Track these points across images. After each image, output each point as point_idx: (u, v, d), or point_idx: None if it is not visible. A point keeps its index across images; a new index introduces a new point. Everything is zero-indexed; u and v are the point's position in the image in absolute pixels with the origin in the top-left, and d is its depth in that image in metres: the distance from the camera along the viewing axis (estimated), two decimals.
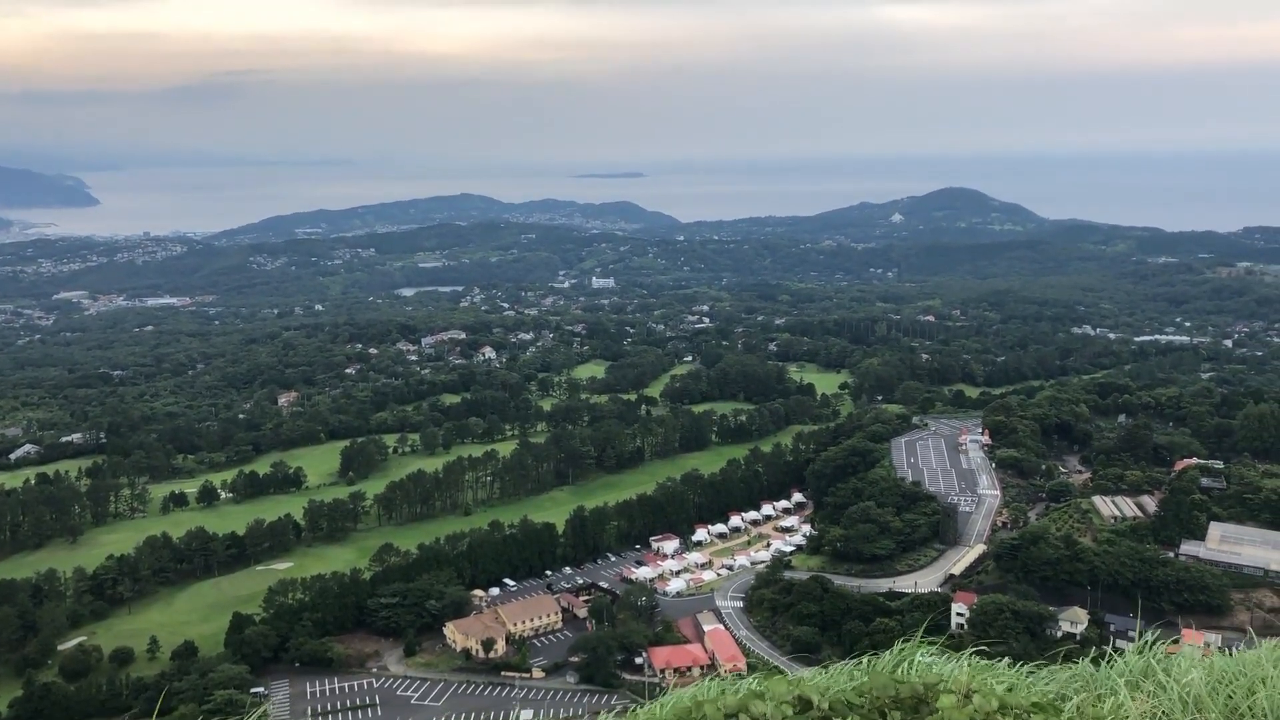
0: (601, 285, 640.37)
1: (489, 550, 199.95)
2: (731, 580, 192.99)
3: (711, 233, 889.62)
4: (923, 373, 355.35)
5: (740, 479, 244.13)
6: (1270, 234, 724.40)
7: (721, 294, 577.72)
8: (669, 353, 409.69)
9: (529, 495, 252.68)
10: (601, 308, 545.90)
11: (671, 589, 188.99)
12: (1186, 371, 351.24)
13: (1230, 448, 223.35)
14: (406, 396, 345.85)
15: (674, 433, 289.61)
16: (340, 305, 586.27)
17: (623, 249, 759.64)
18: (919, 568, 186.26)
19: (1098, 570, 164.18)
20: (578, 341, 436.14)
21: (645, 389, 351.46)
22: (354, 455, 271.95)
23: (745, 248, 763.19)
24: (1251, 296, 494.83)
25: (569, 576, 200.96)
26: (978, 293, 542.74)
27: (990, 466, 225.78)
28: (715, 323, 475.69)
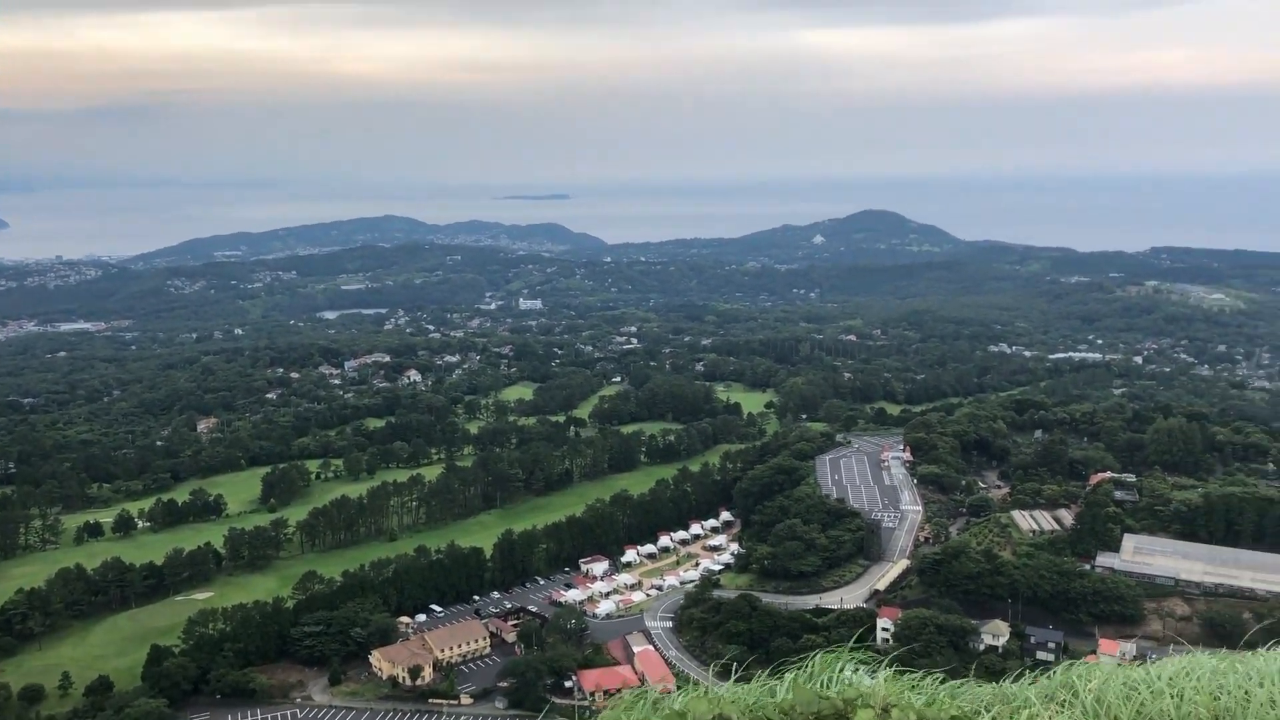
0: (529, 307, 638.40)
1: (415, 576, 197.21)
2: (661, 601, 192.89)
3: (638, 254, 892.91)
4: (846, 391, 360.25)
5: (669, 499, 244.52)
6: (1176, 254, 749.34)
7: (649, 315, 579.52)
8: (597, 374, 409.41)
9: (456, 519, 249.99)
10: (529, 329, 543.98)
11: (601, 611, 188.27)
12: (1099, 388, 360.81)
13: (1142, 461, 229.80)
14: (329, 421, 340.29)
15: (603, 454, 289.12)
16: (261, 329, 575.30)
17: (550, 270, 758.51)
18: (845, 584, 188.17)
19: (1018, 583, 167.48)
20: (505, 363, 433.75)
21: (574, 410, 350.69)
22: (276, 481, 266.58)
23: (672, 269, 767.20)
24: (1160, 314, 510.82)
25: (497, 601, 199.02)
26: (898, 312, 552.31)
27: (912, 483, 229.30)
28: (643, 344, 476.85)
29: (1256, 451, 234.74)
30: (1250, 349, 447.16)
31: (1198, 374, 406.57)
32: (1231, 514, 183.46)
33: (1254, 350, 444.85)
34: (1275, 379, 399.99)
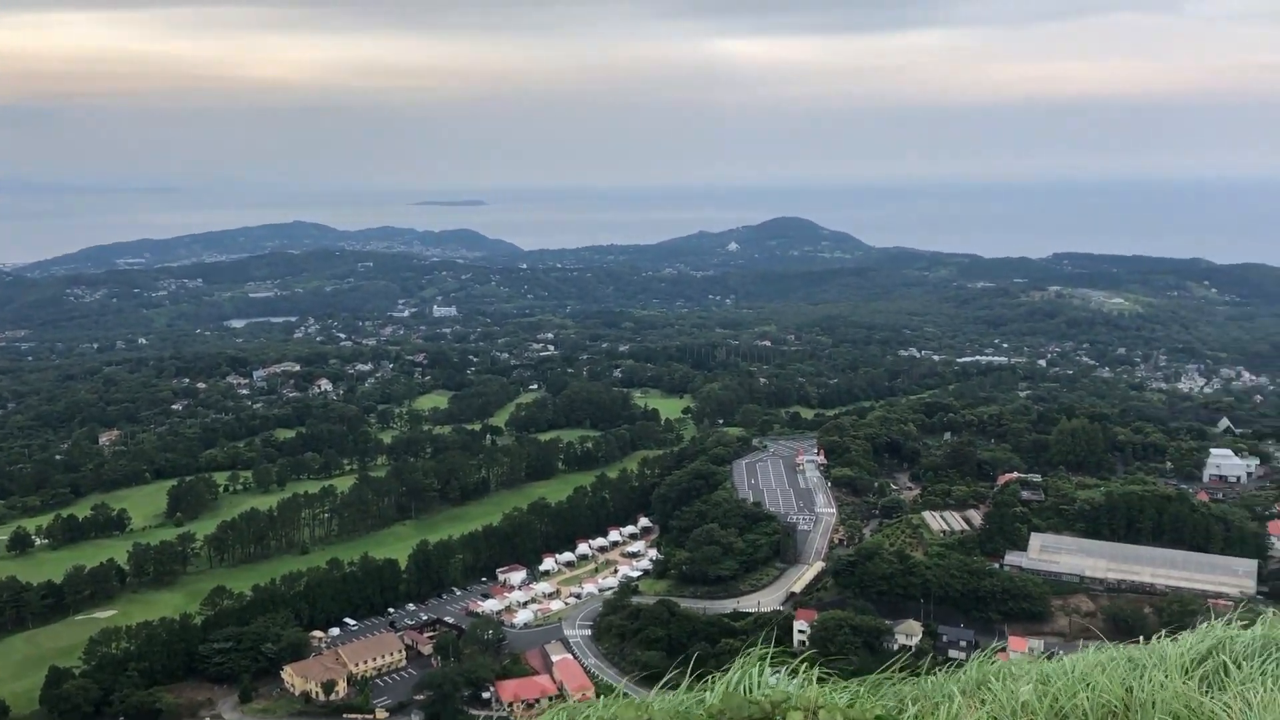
0: (443, 314, 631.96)
1: (328, 589, 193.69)
2: (580, 609, 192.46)
3: (555, 260, 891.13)
4: (761, 396, 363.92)
5: (587, 506, 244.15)
6: (1077, 259, 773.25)
7: (566, 322, 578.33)
8: (514, 381, 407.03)
9: (370, 531, 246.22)
10: (444, 337, 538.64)
11: (519, 620, 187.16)
12: (1005, 390, 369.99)
13: (1047, 462, 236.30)
14: (238, 432, 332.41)
15: (520, 462, 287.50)
16: (166, 338, 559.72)
17: (465, 277, 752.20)
18: (762, 587, 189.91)
19: (930, 583, 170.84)
20: (419, 371, 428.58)
21: (490, 418, 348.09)
22: (182, 495, 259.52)
23: (589, 276, 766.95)
24: (1062, 318, 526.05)
25: (413, 613, 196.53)
26: (811, 318, 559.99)
27: (826, 485, 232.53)
28: (560, 350, 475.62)
29: (1155, 451, 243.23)
30: (1148, 351, 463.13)
31: (1099, 376, 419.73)
32: (1132, 512, 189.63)
33: (1151, 353, 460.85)
34: (1172, 380, 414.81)
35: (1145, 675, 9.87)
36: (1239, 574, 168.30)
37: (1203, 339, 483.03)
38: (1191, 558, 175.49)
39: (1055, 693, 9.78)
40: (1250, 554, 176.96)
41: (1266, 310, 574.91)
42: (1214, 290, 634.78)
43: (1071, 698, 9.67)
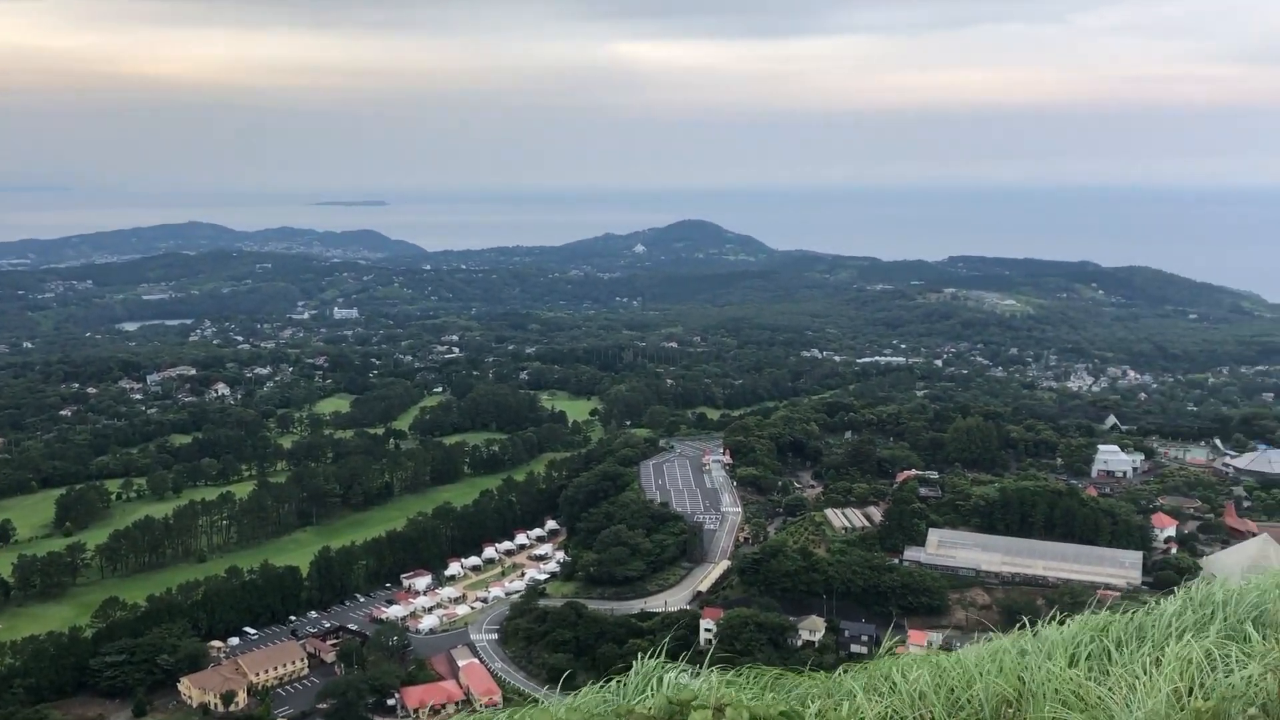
0: (344, 316, 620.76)
1: (227, 598, 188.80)
2: (486, 613, 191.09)
3: (459, 262, 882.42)
4: (668, 397, 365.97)
5: (494, 509, 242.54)
6: (971, 262, 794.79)
7: (471, 323, 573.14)
8: (418, 384, 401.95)
9: (270, 538, 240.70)
10: (345, 339, 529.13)
11: (424, 626, 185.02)
12: (904, 390, 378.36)
13: (944, 459, 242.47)
14: (131, 438, 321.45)
15: (424, 466, 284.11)
16: (54, 342, 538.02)
17: (366, 278, 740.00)
18: (669, 587, 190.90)
19: (832, 579, 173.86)
20: (320, 375, 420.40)
21: (393, 422, 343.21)
22: (71, 504, 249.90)
23: (494, 277, 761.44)
24: (957, 320, 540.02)
25: (315, 620, 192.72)
26: (716, 320, 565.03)
27: (732, 485, 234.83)
28: (465, 353, 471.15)
29: (1046, 447, 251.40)
30: (1039, 351, 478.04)
31: (992, 375, 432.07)
32: (1025, 507, 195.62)
33: (1042, 353, 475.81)
34: (1062, 379, 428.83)
35: (1035, 664, 10.28)
36: (1125, 565, 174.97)
37: (1090, 339, 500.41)
38: (1081, 550, 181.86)
39: (951, 684, 10.13)
40: (1136, 546, 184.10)
41: (1149, 311, 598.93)
42: (1101, 292, 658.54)
43: (967, 688, 10.04)
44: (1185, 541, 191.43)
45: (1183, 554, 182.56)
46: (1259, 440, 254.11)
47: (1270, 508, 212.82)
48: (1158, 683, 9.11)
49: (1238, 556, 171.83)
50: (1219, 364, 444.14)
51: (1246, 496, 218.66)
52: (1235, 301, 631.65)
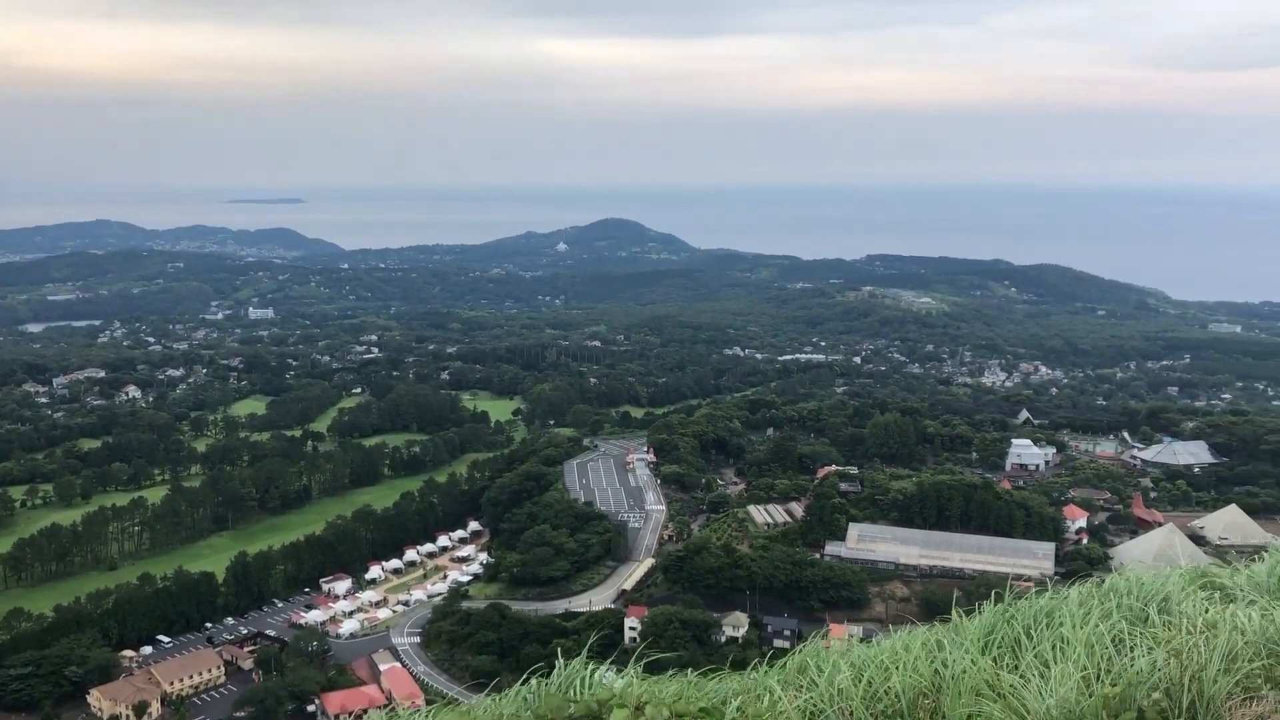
0: (260, 316, 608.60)
1: (139, 606, 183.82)
2: (408, 616, 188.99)
3: (378, 261, 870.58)
4: (592, 396, 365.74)
5: (415, 512, 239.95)
6: (889, 261, 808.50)
7: (390, 323, 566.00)
8: (336, 385, 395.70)
9: (184, 544, 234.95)
10: (261, 340, 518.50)
11: (345, 630, 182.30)
12: (824, 387, 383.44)
13: (863, 455, 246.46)
14: (36, 443, 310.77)
15: (344, 468, 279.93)
16: None
17: (283, 278, 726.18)
18: (593, 586, 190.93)
19: (755, 575, 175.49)
20: (234, 376, 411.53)
21: (311, 424, 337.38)
22: None
23: (414, 276, 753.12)
24: (875, 317, 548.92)
25: (232, 627, 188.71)
26: (639, 318, 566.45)
27: (656, 483, 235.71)
28: (385, 353, 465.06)
29: (962, 442, 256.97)
30: (954, 348, 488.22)
31: (909, 372, 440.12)
32: (942, 500, 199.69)
33: (957, 349, 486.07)
34: (976, 375, 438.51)
35: (951, 655, 10.46)
36: (1039, 556, 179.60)
37: (1004, 336, 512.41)
38: (996, 542, 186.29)
39: (870, 677, 10.26)
40: (1048, 537, 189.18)
41: (1059, 308, 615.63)
42: (1013, 290, 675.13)
43: (885, 680, 10.17)
44: (1095, 532, 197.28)
45: (1093, 544, 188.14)
46: (1164, 433, 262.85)
47: (1175, 498, 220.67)
48: (1067, 669, 9.34)
49: (1145, 546, 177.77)
50: (1126, 359, 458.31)
51: (1153, 488, 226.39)
52: (1141, 298, 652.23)
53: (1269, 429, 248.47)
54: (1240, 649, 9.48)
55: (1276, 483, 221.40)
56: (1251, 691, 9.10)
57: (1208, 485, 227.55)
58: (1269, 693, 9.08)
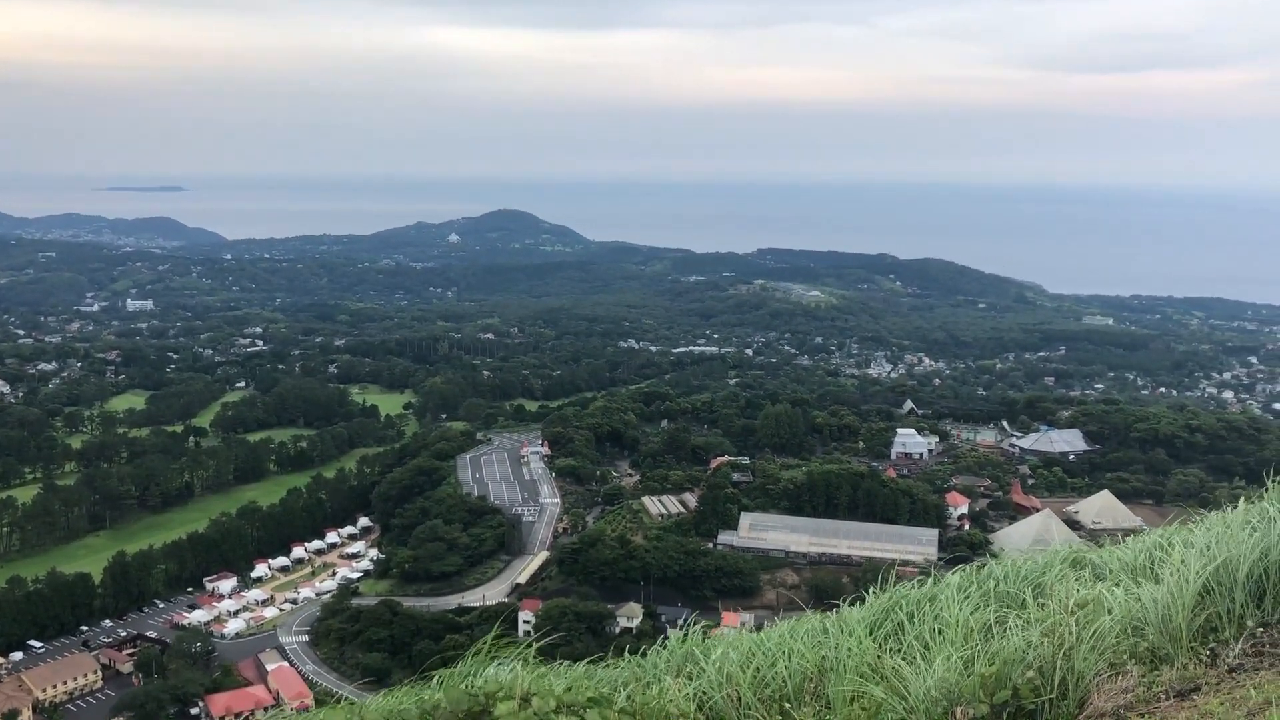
0: (138, 308, 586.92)
1: (9, 610, 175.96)
2: (296, 614, 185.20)
3: (263, 251, 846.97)
4: (485, 389, 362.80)
5: (303, 508, 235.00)
6: (779, 255, 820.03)
7: (276, 315, 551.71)
8: (219, 379, 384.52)
9: (58, 544, 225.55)
10: (139, 332, 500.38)
11: (230, 630, 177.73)
12: (717, 379, 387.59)
13: (754, 445, 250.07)
14: None
15: (227, 464, 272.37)
16: None
17: (162, 268, 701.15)
18: (487, 580, 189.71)
19: (649, 566, 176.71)
20: (112, 370, 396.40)
21: (193, 419, 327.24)
22: None
23: (300, 267, 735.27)
24: (766, 310, 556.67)
25: (110, 630, 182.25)
26: (534, 311, 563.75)
27: (550, 476, 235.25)
28: (270, 345, 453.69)
29: (849, 432, 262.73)
30: (842, 340, 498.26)
31: (799, 364, 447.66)
32: (831, 489, 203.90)
33: (845, 341, 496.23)
34: (863, 366, 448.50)
35: (836, 640, 10.68)
36: (923, 542, 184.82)
37: (889, 328, 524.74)
38: (883, 529, 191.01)
39: (757, 664, 10.40)
40: (932, 523, 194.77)
41: (942, 301, 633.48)
42: (898, 283, 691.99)
43: (771, 666, 10.32)
44: (977, 518, 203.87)
45: (974, 530, 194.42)
46: (1041, 422, 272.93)
47: (1052, 485, 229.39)
48: (946, 651, 9.61)
49: (1023, 531, 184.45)
50: (1005, 351, 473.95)
51: (1030, 475, 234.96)
52: (1020, 292, 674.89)
53: (1138, 417, 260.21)
54: (1108, 627, 9.89)
55: (1145, 469, 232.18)
56: (1118, 667, 9.50)
57: (1082, 472, 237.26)
58: (1133, 668, 9.49)
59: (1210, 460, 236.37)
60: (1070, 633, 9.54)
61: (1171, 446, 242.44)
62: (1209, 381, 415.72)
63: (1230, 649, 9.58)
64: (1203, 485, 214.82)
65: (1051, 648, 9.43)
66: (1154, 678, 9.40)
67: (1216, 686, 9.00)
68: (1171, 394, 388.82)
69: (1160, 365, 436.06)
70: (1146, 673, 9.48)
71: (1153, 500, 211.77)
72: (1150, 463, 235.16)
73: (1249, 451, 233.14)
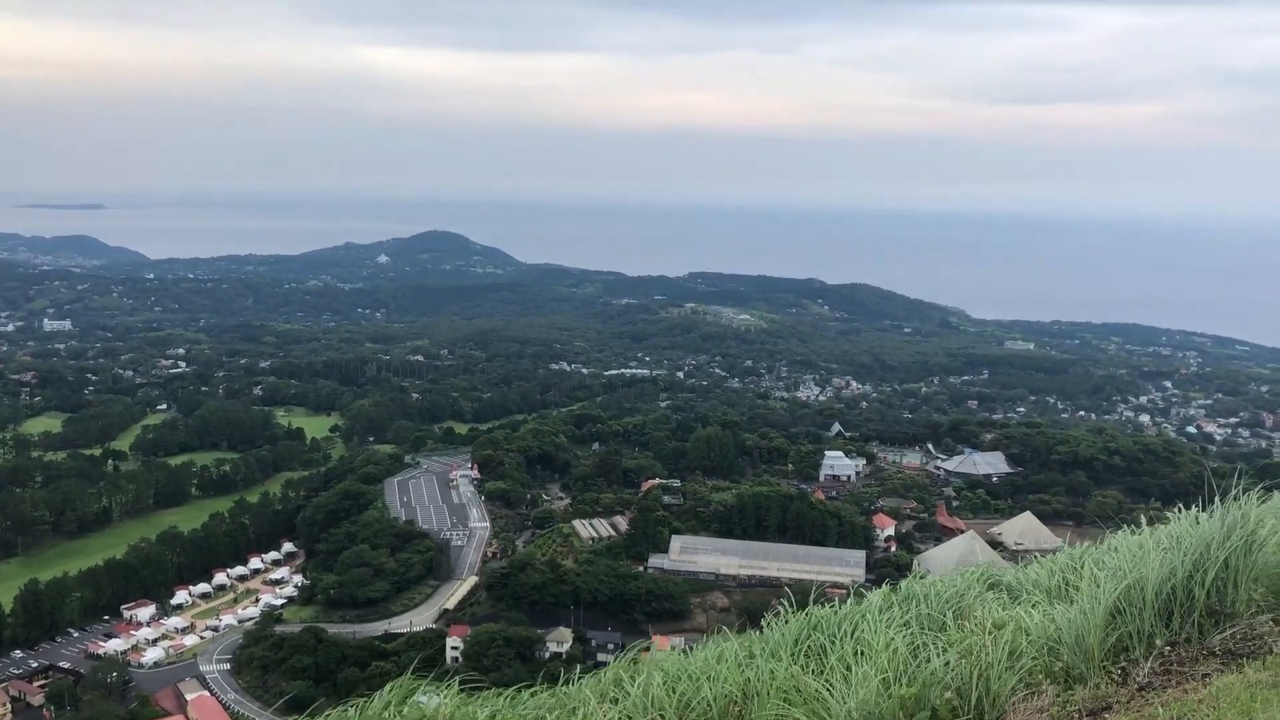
0: (56, 328, 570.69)
1: None
2: (218, 642, 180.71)
3: (187, 271, 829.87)
4: (414, 412, 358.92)
5: (225, 533, 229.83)
6: (710, 279, 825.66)
7: (200, 336, 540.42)
8: (140, 401, 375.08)
9: None
10: (56, 353, 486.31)
11: (148, 659, 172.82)
12: (648, 401, 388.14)
13: (685, 467, 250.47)
14: None
15: (148, 488, 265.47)
16: None
17: (81, 288, 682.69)
18: (414, 606, 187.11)
19: (580, 590, 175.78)
20: (26, 392, 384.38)
21: (112, 442, 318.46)
22: None
23: (225, 287, 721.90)
24: (697, 333, 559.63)
25: (21, 660, 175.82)
26: (464, 332, 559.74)
27: (480, 500, 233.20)
28: (193, 367, 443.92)
29: (778, 454, 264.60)
30: (771, 363, 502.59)
31: (730, 387, 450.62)
32: (760, 511, 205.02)
33: (774, 364, 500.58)
34: (792, 389, 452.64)
35: (760, 663, 10.77)
36: (851, 564, 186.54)
37: (817, 352, 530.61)
38: (812, 551, 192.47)
39: (682, 689, 10.45)
40: (860, 545, 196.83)
41: (869, 325, 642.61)
42: (826, 308, 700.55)
43: (697, 691, 10.38)
44: (903, 540, 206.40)
45: (901, 552, 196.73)
46: (965, 444, 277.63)
47: (975, 506, 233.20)
48: (867, 672, 9.76)
49: (948, 552, 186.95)
50: (930, 374, 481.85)
51: (955, 497, 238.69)
52: (944, 317, 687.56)
53: (1059, 440, 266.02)
54: (1024, 647, 10.12)
55: (1066, 490, 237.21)
56: (1033, 687, 9.73)
57: (1005, 494, 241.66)
58: (1048, 687, 9.73)
59: (1128, 482, 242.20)
60: (987, 653, 9.74)
61: (1091, 469, 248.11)
62: (1126, 405, 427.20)
63: (1140, 668, 9.87)
64: (1121, 507, 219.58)
65: (969, 668, 9.62)
66: (1068, 697, 9.64)
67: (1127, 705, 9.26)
68: (1091, 417, 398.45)
69: (1080, 389, 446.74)
70: (1061, 692, 9.72)
71: (1073, 521, 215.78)
72: (1071, 485, 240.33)
73: (1164, 474, 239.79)
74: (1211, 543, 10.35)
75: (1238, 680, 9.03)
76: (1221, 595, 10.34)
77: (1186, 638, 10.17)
